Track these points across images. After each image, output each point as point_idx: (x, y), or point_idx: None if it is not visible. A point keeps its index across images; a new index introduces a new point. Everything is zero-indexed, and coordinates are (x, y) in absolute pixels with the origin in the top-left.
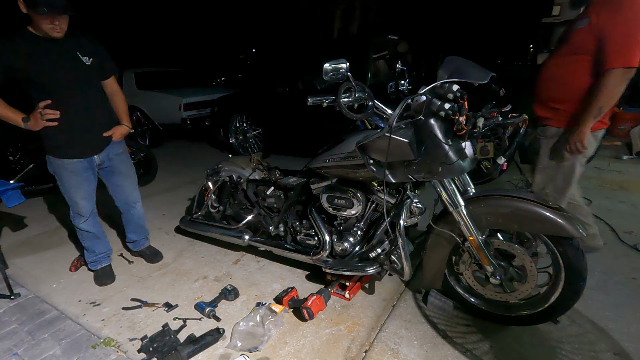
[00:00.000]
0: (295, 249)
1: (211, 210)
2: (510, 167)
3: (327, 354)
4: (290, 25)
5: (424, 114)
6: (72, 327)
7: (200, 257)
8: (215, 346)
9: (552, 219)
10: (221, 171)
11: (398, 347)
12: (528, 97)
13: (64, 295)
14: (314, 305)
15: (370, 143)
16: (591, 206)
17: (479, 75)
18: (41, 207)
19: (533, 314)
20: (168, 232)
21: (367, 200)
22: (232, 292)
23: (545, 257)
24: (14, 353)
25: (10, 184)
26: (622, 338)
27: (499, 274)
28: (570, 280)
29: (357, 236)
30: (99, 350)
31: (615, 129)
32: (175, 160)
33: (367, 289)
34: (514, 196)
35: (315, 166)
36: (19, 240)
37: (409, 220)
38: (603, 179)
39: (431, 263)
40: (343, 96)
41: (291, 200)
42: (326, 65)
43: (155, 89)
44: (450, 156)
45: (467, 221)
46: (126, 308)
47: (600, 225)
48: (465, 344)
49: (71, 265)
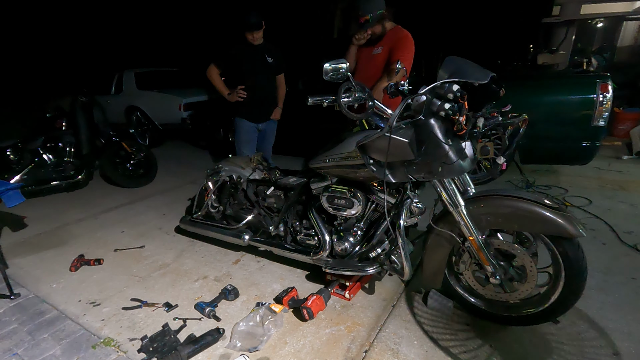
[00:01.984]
0: (295, 249)
1: (211, 210)
2: (510, 167)
3: (327, 354)
4: (290, 25)
5: (424, 114)
6: (72, 327)
7: (200, 257)
8: (215, 346)
9: (552, 219)
10: (221, 171)
11: (398, 347)
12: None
13: (64, 295)
14: (314, 305)
15: (370, 143)
16: (591, 206)
17: (479, 75)
18: (41, 207)
19: (533, 314)
20: (168, 232)
21: (367, 200)
22: (232, 292)
23: (545, 256)
24: (14, 353)
25: (11, 184)
26: (622, 338)
27: (499, 274)
28: (571, 280)
29: (357, 236)
30: (99, 350)
31: (615, 129)
32: (175, 161)
33: (367, 289)
34: (514, 196)
35: (315, 166)
36: (19, 240)
37: (409, 220)
38: (603, 179)
39: (431, 263)
40: (343, 96)
41: (291, 200)
42: (326, 65)
43: (156, 89)
44: (450, 156)
45: (467, 221)
46: (126, 308)
47: (600, 225)
48: (465, 344)
49: (71, 265)
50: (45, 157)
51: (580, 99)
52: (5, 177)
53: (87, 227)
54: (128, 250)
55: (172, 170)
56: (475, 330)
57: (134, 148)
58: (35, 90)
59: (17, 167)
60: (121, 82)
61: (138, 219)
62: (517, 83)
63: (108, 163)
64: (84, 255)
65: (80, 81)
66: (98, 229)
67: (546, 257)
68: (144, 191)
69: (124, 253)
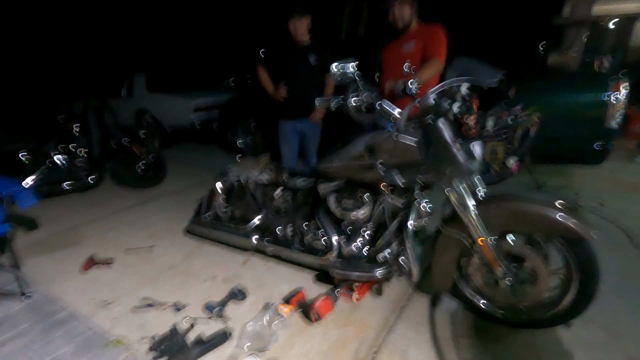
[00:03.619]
0: (303, 251)
1: (220, 212)
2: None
3: (335, 355)
4: None
5: (432, 115)
6: (82, 327)
7: (209, 258)
8: (223, 347)
9: (564, 221)
10: (229, 173)
11: (407, 349)
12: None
13: (75, 295)
14: (322, 306)
15: (378, 144)
16: (604, 208)
17: (489, 76)
18: (53, 208)
19: (545, 318)
20: (177, 233)
21: (375, 202)
22: (240, 293)
23: (557, 259)
24: (25, 352)
25: (24, 186)
26: (636, 343)
27: (510, 277)
28: (583, 283)
29: (365, 238)
30: (109, 349)
31: (628, 130)
32: (184, 163)
33: (375, 290)
34: (524, 198)
35: (323, 167)
36: (31, 240)
37: (417, 222)
38: (616, 180)
39: (440, 265)
40: (351, 97)
41: (299, 202)
42: (334, 66)
43: (165, 91)
44: (459, 157)
45: (477, 223)
46: (136, 308)
47: (613, 228)
48: (474, 347)
49: (82, 265)
50: (57, 160)
51: (592, 100)
52: (18, 178)
53: (98, 228)
54: (138, 250)
55: (182, 172)
56: (484, 333)
57: (144, 150)
58: (48, 94)
59: (30, 169)
60: (132, 86)
61: (148, 220)
62: (528, 83)
63: (119, 165)
64: (95, 255)
65: (92, 85)
66: (109, 230)
67: (558, 259)
68: (154, 193)
69: (134, 254)
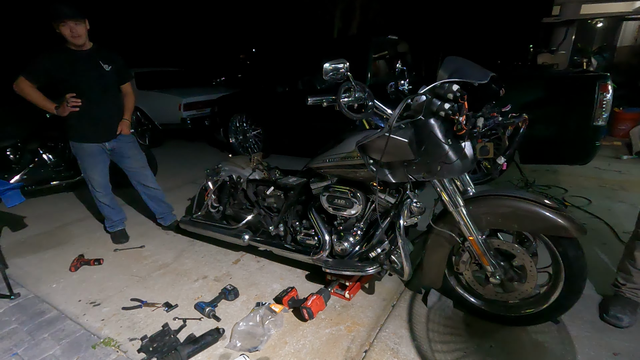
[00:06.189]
0: (295, 249)
1: (211, 210)
2: (510, 166)
3: (327, 353)
4: (290, 25)
5: (423, 114)
6: (72, 327)
7: (200, 257)
8: (215, 346)
9: (552, 219)
10: (221, 171)
11: (398, 347)
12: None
13: (63, 295)
14: (313, 305)
15: (370, 143)
16: (591, 206)
17: (479, 75)
18: (41, 207)
19: (533, 314)
20: (168, 232)
21: (367, 200)
22: (232, 292)
23: (545, 256)
24: (14, 353)
25: (10, 184)
26: (622, 338)
27: (499, 274)
28: (571, 280)
29: (357, 236)
30: (99, 350)
31: (615, 129)
32: (175, 160)
33: (367, 288)
34: (514, 196)
35: (315, 166)
36: (19, 240)
37: (409, 220)
38: (603, 179)
39: (431, 263)
40: (343, 96)
41: (291, 200)
42: (326, 65)
43: (155, 88)
44: (450, 156)
45: (467, 221)
46: (126, 308)
47: (599, 225)
48: (465, 344)
49: (71, 265)
50: (45, 157)
51: (580, 99)
52: (5, 177)
53: (86, 227)
54: (128, 250)
55: (172, 170)
56: (474, 330)
57: None
58: None
59: (17, 167)
60: None
61: (138, 219)
62: (517, 83)
63: None
64: (83, 255)
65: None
66: (98, 229)
67: (546, 257)
68: None
69: (123, 253)
